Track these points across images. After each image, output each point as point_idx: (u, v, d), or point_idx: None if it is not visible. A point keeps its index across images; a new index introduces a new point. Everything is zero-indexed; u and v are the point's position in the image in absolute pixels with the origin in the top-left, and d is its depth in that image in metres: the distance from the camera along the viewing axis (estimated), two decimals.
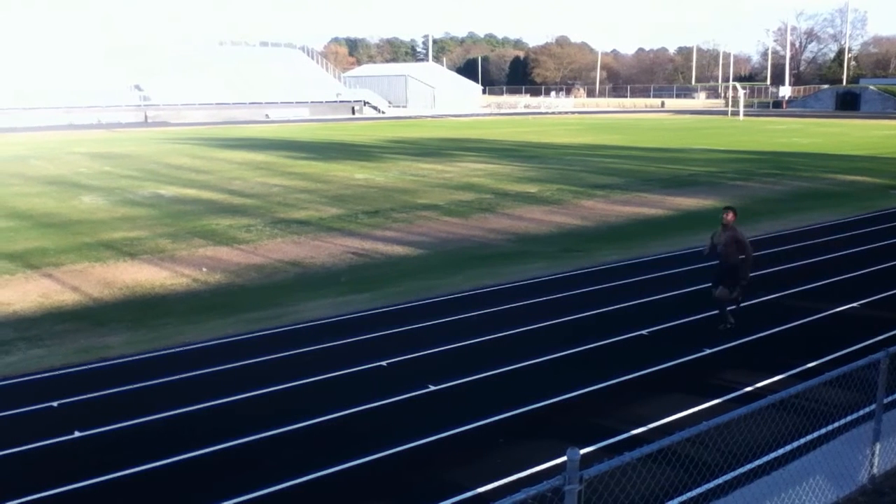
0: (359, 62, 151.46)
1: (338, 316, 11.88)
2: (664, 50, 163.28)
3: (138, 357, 10.11)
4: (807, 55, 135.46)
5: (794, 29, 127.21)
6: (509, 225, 19.61)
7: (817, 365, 9.37)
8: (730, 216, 10.84)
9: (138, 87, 77.37)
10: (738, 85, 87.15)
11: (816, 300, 12.42)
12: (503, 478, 6.80)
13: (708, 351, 10.02)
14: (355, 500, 6.60)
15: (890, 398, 7.29)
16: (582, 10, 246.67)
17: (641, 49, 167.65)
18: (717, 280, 10.83)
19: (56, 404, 8.53)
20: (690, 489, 6.35)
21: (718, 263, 10.89)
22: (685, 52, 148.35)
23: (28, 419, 8.21)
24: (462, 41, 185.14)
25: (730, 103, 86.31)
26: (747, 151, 40.06)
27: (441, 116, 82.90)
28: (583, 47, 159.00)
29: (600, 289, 13.28)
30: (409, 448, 7.43)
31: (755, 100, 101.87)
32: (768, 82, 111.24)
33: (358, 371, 9.45)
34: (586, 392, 8.75)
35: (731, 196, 24.38)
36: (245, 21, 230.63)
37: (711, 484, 6.45)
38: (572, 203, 23.07)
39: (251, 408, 8.45)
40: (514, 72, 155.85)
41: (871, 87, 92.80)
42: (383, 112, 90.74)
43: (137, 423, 8.02)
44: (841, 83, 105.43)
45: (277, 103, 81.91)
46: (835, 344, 10.14)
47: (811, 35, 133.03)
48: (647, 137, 50.67)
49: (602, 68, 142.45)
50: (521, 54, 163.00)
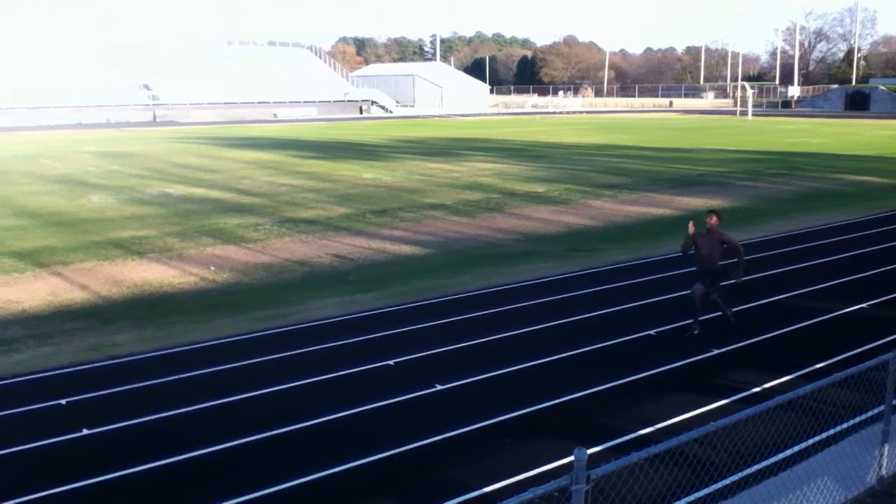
0: (366, 62, 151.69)
1: (345, 315, 11.90)
2: (672, 49, 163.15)
3: (146, 355, 10.14)
4: (816, 55, 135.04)
5: (804, 28, 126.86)
6: (517, 224, 19.60)
7: (826, 366, 9.33)
8: (713, 220, 10.48)
9: (147, 87, 77.65)
10: (747, 85, 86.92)
11: (825, 300, 12.37)
12: (510, 477, 6.79)
13: (716, 351, 9.99)
14: (362, 499, 6.60)
15: None
16: (590, 10, 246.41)
17: (650, 48, 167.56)
18: (700, 280, 10.63)
19: (64, 402, 8.56)
20: (698, 489, 6.33)
21: (698, 269, 10.60)
22: (693, 52, 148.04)
23: (36, 417, 8.24)
24: (470, 41, 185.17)
25: (738, 103, 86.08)
26: (756, 151, 39.93)
27: (449, 116, 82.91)
28: (591, 47, 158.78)
29: (608, 289, 13.25)
30: (416, 447, 7.43)
31: (764, 100, 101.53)
32: (777, 82, 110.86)
33: (365, 370, 9.46)
34: (593, 392, 8.73)
35: (740, 196, 24.32)
36: (253, 21, 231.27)
37: (719, 484, 6.43)
38: (580, 203, 23.04)
39: (258, 406, 8.46)
40: (522, 71, 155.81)
41: (881, 87, 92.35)
42: (391, 111, 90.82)
43: (145, 421, 8.04)
44: (850, 83, 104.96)
45: (285, 103, 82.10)
46: (843, 344, 10.10)
47: (820, 35, 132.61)
48: (656, 137, 50.57)
49: (610, 68, 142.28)
50: (529, 54, 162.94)
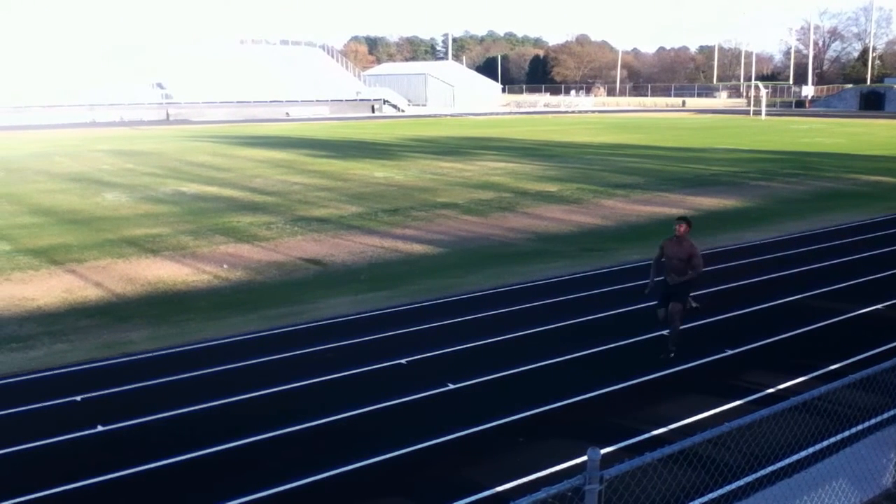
0: (378, 60, 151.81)
1: (357, 313, 11.92)
2: (685, 49, 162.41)
3: (161, 353, 10.20)
4: (830, 54, 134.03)
5: (818, 28, 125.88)
6: (529, 224, 19.57)
7: (841, 367, 9.27)
8: (683, 227, 9.81)
9: (160, 85, 78.04)
10: (761, 84, 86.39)
11: (840, 301, 12.29)
12: (522, 477, 6.78)
13: (730, 352, 9.95)
14: (374, 498, 6.61)
15: None
16: (602, 9, 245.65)
17: (662, 48, 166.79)
18: (664, 299, 9.83)
19: (79, 398, 8.62)
20: (712, 490, 6.30)
21: (664, 279, 9.92)
22: (707, 51, 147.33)
23: (51, 413, 8.30)
24: (482, 40, 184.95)
25: (752, 103, 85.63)
26: (770, 151, 39.71)
27: (460, 115, 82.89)
28: (603, 46, 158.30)
29: (620, 289, 13.21)
30: (428, 446, 7.44)
31: (777, 99, 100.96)
32: (791, 81, 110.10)
33: (377, 368, 9.47)
34: (606, 392, 8.71)
35: (754, 196, 24.20)
36: (266, 19, 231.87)
37: (733, 486, 6.40)
38: (592, 202, 22.98)
39: (271, 405, 8.49)
40: (534, 70, 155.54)
41: None
42: (403, 111, 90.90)
43: (160, 418, 8.09)
44: (865, 82, 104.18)
45: (297, 101, 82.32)
46: (859, 346, 10.03)
47: (835, 34, 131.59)
48: (668, 137, 50.38)
49: (622, 67, 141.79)
50: (541, 53, 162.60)
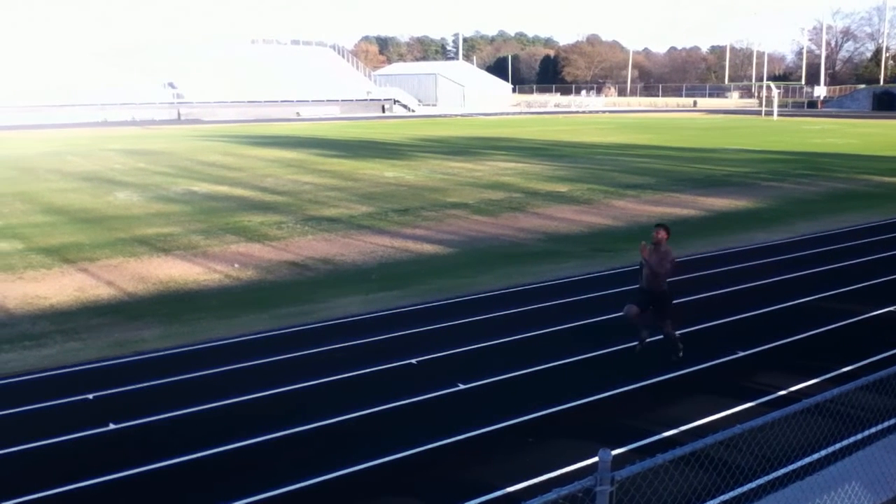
0: (389, 60, 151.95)
1: (368, 313, 11.94)
2: (696, 49, 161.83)
3: (172, 351, 10.24)
4: (843, 54, 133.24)
5: (830, 28, 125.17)
6: (539, 224, 19.55)
7: (854, 369, 9.22)
8: (661, 234, 9.43)
9: (171, 85, 78.38)
10: (773, 84, 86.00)
11: (853, 303, 12.21)
12: (533, 478, 6.78)
13: (741, 353, 9.91)
14: (383, 498, 6.62)
15: None
16: (613, 9, 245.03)
17: (673, 48, 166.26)
18: (639, 302, 9.54)
19: (91, 397, 8.67)
20: (723, 493, 6.28)
21: (639, 288, 9.63)
22: (718, 51, 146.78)
23: (64, 411, 8.35)
24: (492, 39, 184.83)
25: (763, 103, 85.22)
26: (781, 152, 39.53)
27: (471, 115, 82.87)
28: (614, 46, 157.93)
29: (632, 289, 13.15)
30: (438, 446, 7.44)
31: (790, 100, 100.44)
32: (803, 82, 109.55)
33: (387, 368, 9.48)
34: (617, 393, 8.70)
35: (765, 197, 24.09)
36: (276, 19, 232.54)
37: (744, 488, 6.38)
38: (603, 203, 22.94)
39: (282, 403, 8.51)
40: (545, 70, 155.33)
41: None
42: (413, 110, 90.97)
43: (172, 417, 8.12)
44: (878, 83, 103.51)
45: (308, 101, 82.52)
46: (872, 348, 9.97)
47: (847, 34, 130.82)
48: (680, 137, 50.22)
49: (633, 67, 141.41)
50: (552, 53, 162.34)
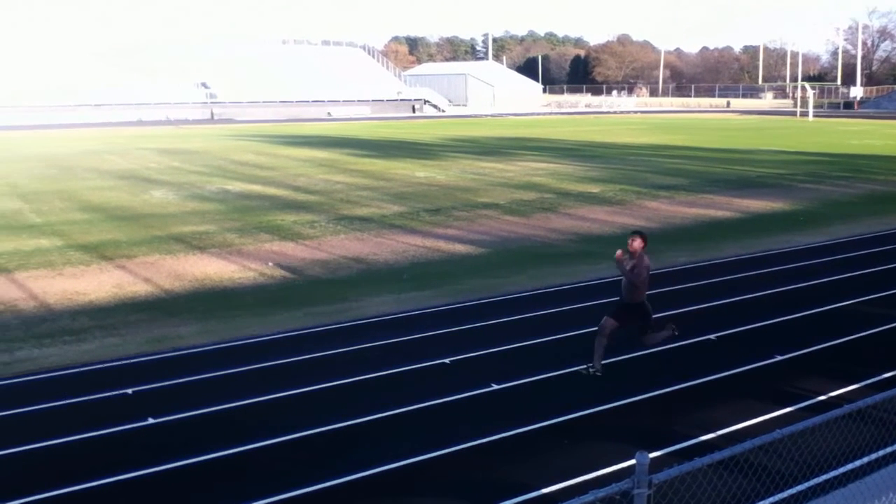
0: (419, 61, 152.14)
1: (400, 312, 11.97)
2: (729, 49, 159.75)
3: (209, 347, 10.36)
4: (880, 54, 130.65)
5: (866, 27, 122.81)
6: (572, 225, 19.45)
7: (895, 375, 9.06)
8: (636, 242, 8.87)
9: (205, 85, 79.28)
10: (808, 85, 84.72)
11: (894, 307, 11.99)
12: (568, 479, 6.74)
13: (779, 357, 9.77)
14: (417, 497, 6.63)
15: None
16: (644, 8, 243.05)
17: (706, 47, 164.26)
18: (616, 314, 9.03)
19: (130, 391, 8.80)
20: (762, 498, 6.21)
21: (619, 299, 9.08)
22: (751, 51, 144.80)
23: (103, 405, 8.49)
24: (522, 40, 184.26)
25: (798, 104, 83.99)
26: (818, 153, 38.91)
27: (501, 115, 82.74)
28: (645, 46, 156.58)
29: (667, 291, 13.06)
30: (472, 446, 7.43)
31: (825, 100, 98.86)
32: (839, 82, 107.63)
33: (421, 367, 9.50)
34: (652, 396, 8.62)
35: (802, 199, 23.74)
36: (307, 20, 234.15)
37: (784, 494, 6.29)
38: (636, 204, 22.76)
39: (315, 400, 8.57)
40: (575, 70, 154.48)
41: None
42: (443, 111, 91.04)
43: (210, 412, 8.22)
44: None
45: (339, 101, 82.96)
46: None
47: (884, 33, 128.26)
48: (713, 138, 49.67)
49: (665, 67, 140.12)
50: (582, 53, 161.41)
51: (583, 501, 3.96)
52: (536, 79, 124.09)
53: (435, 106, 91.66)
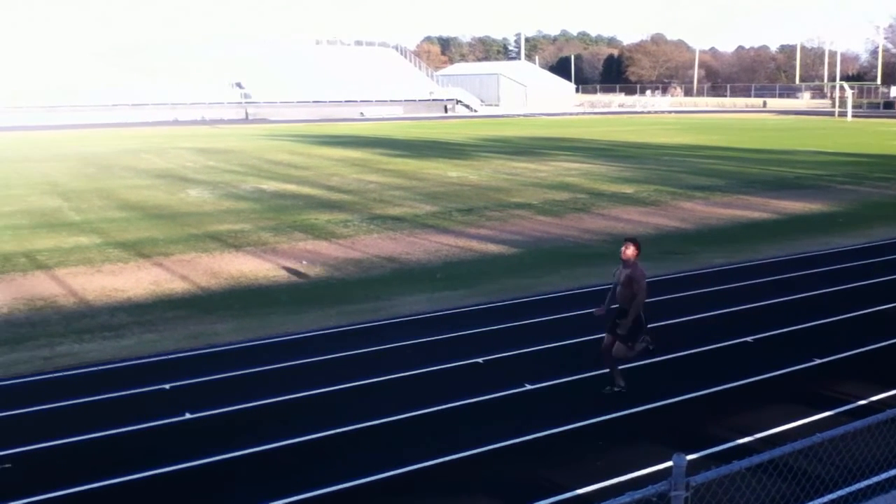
0: (451, 61, 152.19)
1: (434, 311, 11.99)
2: (765, 48, 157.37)
3: (245, 344, 10.47)
4: None
5: None
6: (605, 225, 19.32)
7: None
8: (630, 250, 8.48)
9: (239, 85, 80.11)
10: (846, 84, 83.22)
11: None
12: (604, 480, 6.70)
13: (818, 361, 9.61)
14: (452, 495, 6.63)
15: None
16: (678, 7, 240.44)
17: (741, 47, 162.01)
18: (611, 329, 8.59)
19: (168, 387, 8.93)
20: (802, 503, 6.11)
21: (616, 308, 8.62)
22: (788, 50, 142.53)
23: (141, 400, 8.62)
24: (555, 39, 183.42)
25: (837, 104, 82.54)
26: (857, 154, 38.19)
27: (533, 115, 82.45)
28: (679, 45, 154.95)
29: (703, 293, 12.93)
30: (506, 445, 7.42)
31: (864, 100, 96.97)
32: (878, 82, 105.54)
33: (454, 367, 9.51)
34: (689, 398, 8.53)
35: (841, 200, 23.32)
36: (340, 20, 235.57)
37: (825, 498, 6.20)
38: (670, 204, 22.54)
39: (349, 398, 8.61)
40: (608, 70, 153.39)
41: None
42: (476, 110, 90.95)
43: (247, 408, 8.30)
44: None
45: (372, 101, 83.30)
46: None
47: None
48: (749, 138, 49.01)
49: (700, 66, 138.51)
50: (616, 52, 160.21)
51: (620, 502, 3.94)
52: (569, 78, 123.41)
53: (467, 106, 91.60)
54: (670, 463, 4.22)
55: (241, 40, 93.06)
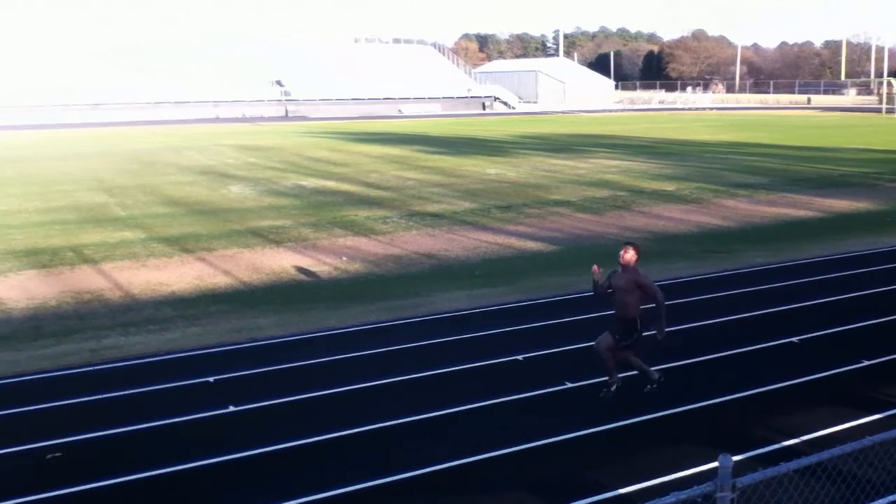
0: (489, 58, 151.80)
1: (473, 308, 11.98)
2: (809, 43, 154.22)
3: (287, 339, 10.58)
4: None
5: None
6: (646, 223, 19.12)
7: None
8: (629, 254, 8.30)
9: (279, 83, 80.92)
10: (894, 81, 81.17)
11: None
12: (647, 480, 6.63)
13: (866, 363, 9.40)
14: (493, 492, 6.62)
15: None
16: (719, 2, 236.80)
17: (784, 42, 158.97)
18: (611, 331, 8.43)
19: (212, 380, 9.05)
20: None
21: (614, 314, 8.40)
22: (832, 46, 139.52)
23: (186, 392, 8.76)
24: (593, 36, 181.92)
25: (884, 100, 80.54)
26: None
27: (572, 112, 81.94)
28: (721, 41, 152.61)
29: (746, 292, 12.72)
30: (547, 444, 7.39)
31: None
32: None
33: (494, 364, 9.50)
34: (733, 398, 8.41)
35: (888, 199, 22.78)
36: (378, 18, 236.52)
37: (875, 503, 6.05)
38: (713, 202, 22.23)
39: (389, 393, 8.65)
40: (648, 66, 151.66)
41: None
42: (514, 108, 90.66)
43: (290, 401, 8.39)
44: None
45: (410, 99, 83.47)
46: None
47: None
48: (793, 135, 48.10)
49: (742, 63, 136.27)
50: (655, 48, 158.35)
51: (665, 503, 3.89)
52: (608, 75, 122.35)
53: (505, 103, 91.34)
54: (715, 464, 4.17)
55: (282, 39, 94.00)
